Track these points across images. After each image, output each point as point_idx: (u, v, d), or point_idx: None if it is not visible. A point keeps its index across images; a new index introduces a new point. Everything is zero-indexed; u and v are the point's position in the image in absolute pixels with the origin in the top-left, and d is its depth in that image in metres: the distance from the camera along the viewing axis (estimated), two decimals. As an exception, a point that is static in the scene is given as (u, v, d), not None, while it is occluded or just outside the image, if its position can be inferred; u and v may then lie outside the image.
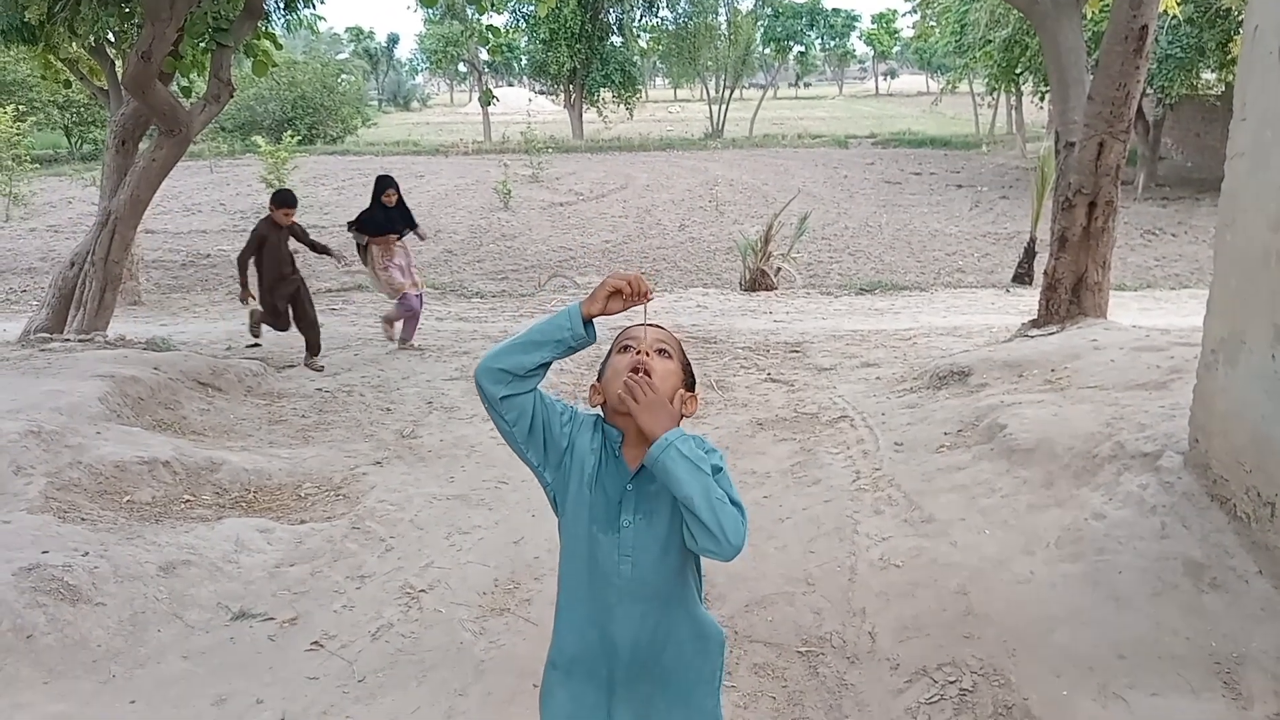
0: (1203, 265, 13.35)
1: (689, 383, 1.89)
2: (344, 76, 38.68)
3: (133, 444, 4.62)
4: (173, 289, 12.39)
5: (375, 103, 58.75)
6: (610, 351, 1.89)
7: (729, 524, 1.66)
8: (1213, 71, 19.18)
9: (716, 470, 1.73)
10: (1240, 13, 16.02)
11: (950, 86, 31.62)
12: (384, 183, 7.65)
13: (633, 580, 1.81)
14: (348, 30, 76.96)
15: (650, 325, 1.86)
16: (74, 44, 8.57)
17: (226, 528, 3.93)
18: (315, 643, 3.27)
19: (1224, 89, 19.72)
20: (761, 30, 46.12)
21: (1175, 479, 3.74)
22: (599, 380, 1.88)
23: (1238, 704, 2.81)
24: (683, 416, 1.83)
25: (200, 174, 25.32)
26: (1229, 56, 17.09)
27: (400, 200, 7.73)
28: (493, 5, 7.76)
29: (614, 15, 37.81)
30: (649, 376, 1.77)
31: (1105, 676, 2.98)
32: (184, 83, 8.31)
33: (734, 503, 1.70)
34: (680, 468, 1.67)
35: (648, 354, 1.81)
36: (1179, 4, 8.05)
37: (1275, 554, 3.15)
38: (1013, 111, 32.56)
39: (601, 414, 1.89)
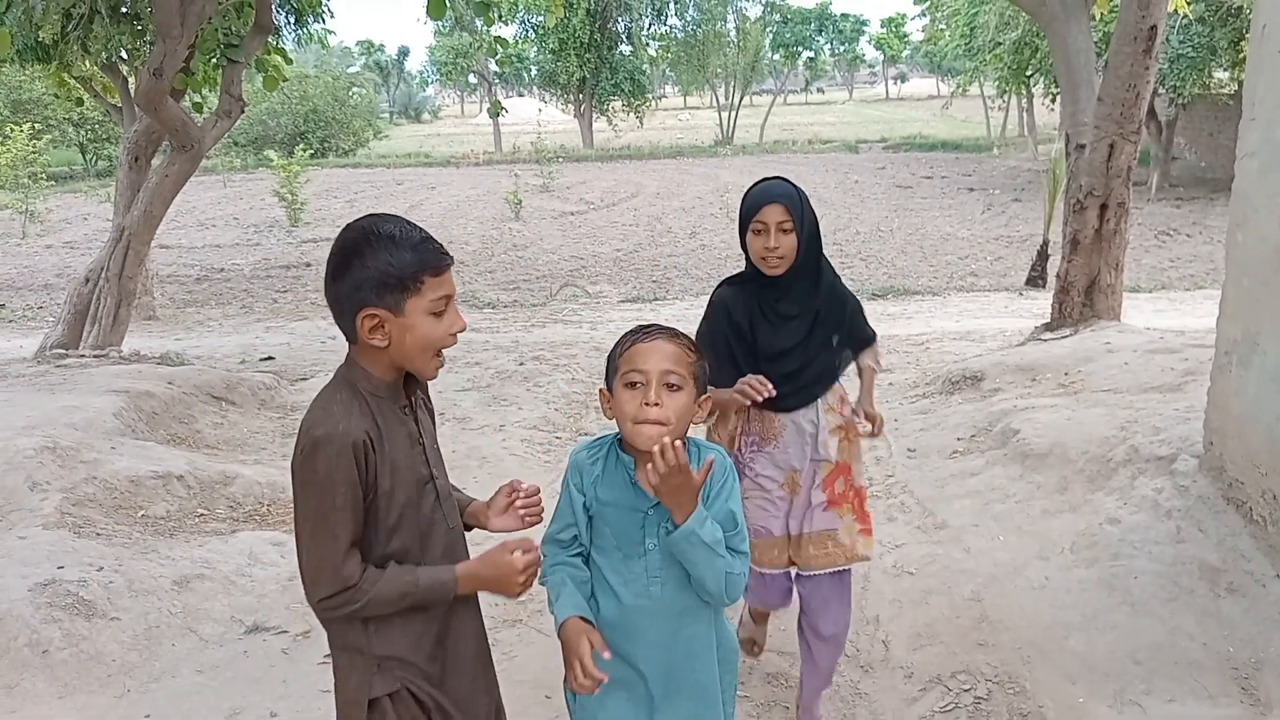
0: (1217, 265, 13.23)
1: (703, 387, 1.82)
2: (355, 90, 38.98)
3: (147, 458, 4.65)
4: (187, 304, 12.49)
5: (386, 115, 59.10)
6: (617, 366, 1.81)
7: (731, 590, 1.79)
8: (1225, 70, 19.08)
9: (731, 520, 1.79)
10: (1251, 11, 15.96)
11: (961, 89, 31.55)
12: None
13: (663, 600, 1.81)
14: (358, 44, 77.72)
15: (659, 338, 1.78)
16: (87, 62, 8.68)
17: (240, 541, 3.94)
18: (328, 656, 3.27)
19: (1237, 88, 19.58)
20: (770, 36, 46.20)
21: (1190, 482, 3.71)
22: (609, 390, 1.84)
23: (1256, 710, 2.78)
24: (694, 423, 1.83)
25: (214, 189, 25.52)
26: (1241, 55, 16.98)
27: None
28: (501, 16, 7.79)
29: (622, 24, 37.92)
30: (662, 426, 1.72)
31: (1121, 683, 2.96)
32: (196, 98, 8.39)
33: (740, 553, 1.80)
34: (699, 554, 1.73)
35: (657, 402, 1.74)
36: (1190, 3, 8.02)
37: (1293, 557, 3.12)
38: (1024, 114, 32.46)
39: (614, 434, 1.89)
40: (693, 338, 1.89)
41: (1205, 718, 2.77)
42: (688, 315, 10.15)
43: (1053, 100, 26.19)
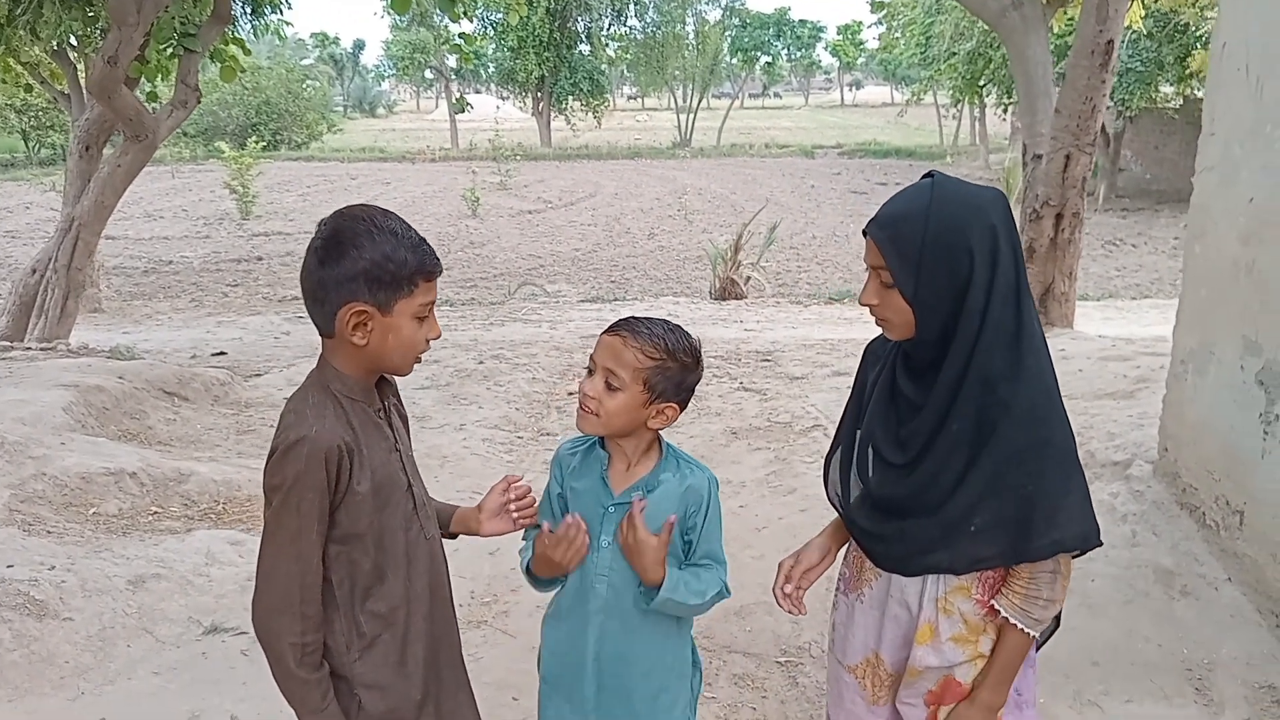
0: (1162, 275, 13.61)
1: (665, 394, 1.76)
2: (309, 82, 38.36)
3: (98, 454, 4.53)
4: (134, 296, 12.21)
5: (340, 109, 58.31)
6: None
7: (706, 608, 1.82)
8: (1171, 85, 19.61)
9: (713, 528, 1.83)
10: (1198, 27, 16.41)
11: (915, 98, 32.03)
12: None
13: (607, 599, 1.81)
14: (313, 36, 76.48)
15: (619, 334, 1.78)
16: (35, 47, 8.43)
17: (196, 540, 3.86)
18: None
19: (1182, 102, 20.16)
20: (729, 40, 46.44)
21: (1145, 487, 3.80)
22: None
23: (1209, 710, 2.85)
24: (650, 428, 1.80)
25: (162, 179, 24.99)
26: (1187, 71, 17.48)
27: None
28: (465, 12, 7.72)
29: (582, 24, 37.88)
30: (592, 415, 1.76)
31: (1080, 684, 3.02)
32: (149, 88, 8.20)
33: (717, 560, 1.83)
34: (680, 610, 1.81)
35: (592, 394, 1.76)
36: (1141, 18, 8.22)
37: (1244, 561, 3.21)
38: (976, 123, 33.04)
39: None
40: (666, 338, 1.77)
41: (1161, 718, 2.83)
42: (649, 315, 10.14)
43: (1004, 111, 26.72)
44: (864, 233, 1.69)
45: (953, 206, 1.60)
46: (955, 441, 1.63)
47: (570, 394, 6.59)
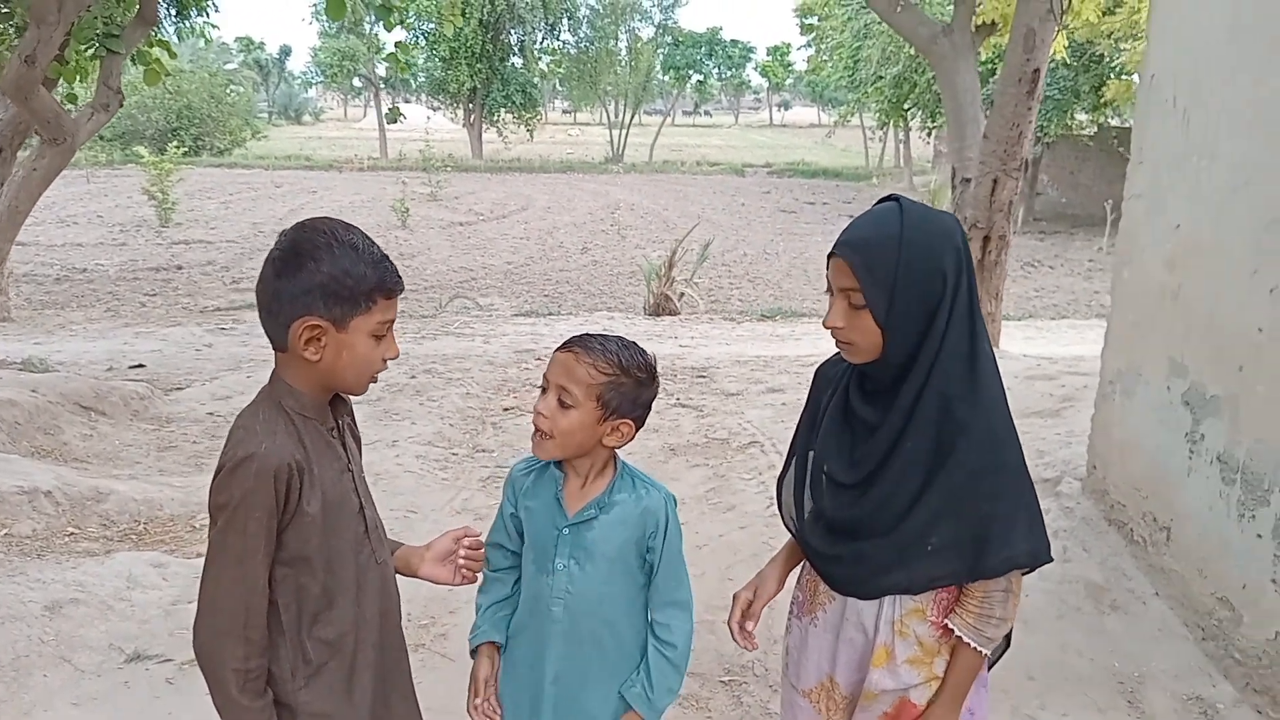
0: (1078, 297, 14.08)
1: (619, 410, 1.75)
2: (233, 87, 37.49)
3: (10, 472, 4.31)
4: (46, 305, 11.71)
5: (265, 115, 57.08)
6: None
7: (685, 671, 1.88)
8: (1086, 113, 20.37)
9: (671, 581, 1.83)
10: (1113, 58, 17.09)
11: (843, 120, 32.67)
12: None
13: (563, 622, 1.79)
14: (237, 40, 74.72)
15: (572, 351, 1.75)
16: (-56, 43, 8.05)
17: (117, 563, 3.69)
18: (218, 684, 3.09)
19: (1096, 129, 20.95)
20: (661, 58, 46.82)
21: (1075, 504, 3.90)
22: None
23: (1141, 722, 2.93)
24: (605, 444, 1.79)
25: (76, 184, 24.07)
26: (1101, 100, 18.18)
27: None
28: (402, 21, 7.62)
29: (515, 36, 37.78)
30: (547, 434, 1.74)
31: (1017, 699, 3.07)
32: (67, 89, 7.90)
33: (682, 607, 1.84)
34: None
35: (543, 412, 1.73)
36: (1065, 48, 8.52)
37: (1170, 576, 3.31)
38: (901, 146, 33.85)
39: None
40: (620, 354, 1.76)
41: (1096, 731, 2.90)
42: (581, 331, 10.11)
43: (928, 134, 27.43)
44: (830, 255, 1.68)
45: (924, 230, 1.61)
46: (910, 461, 1.64)
47: (506, 410, 6.51)
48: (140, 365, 7.47)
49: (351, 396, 1.69)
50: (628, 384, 1.76)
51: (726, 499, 4.80)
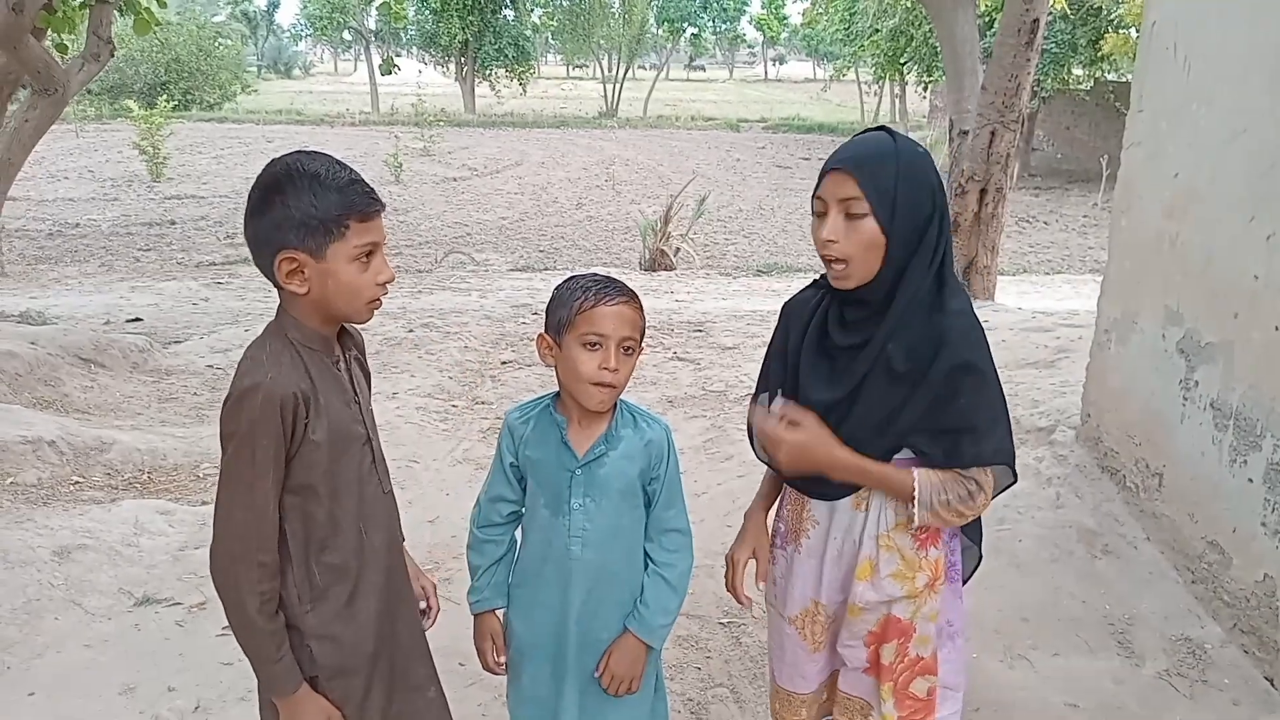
0: (1073, 252, 14.08)
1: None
2: (221, 40, 36.89)
3: (13, 422, 4.33)
4: (39, 260, 11.66)
5: (255, 69, 56.27)
6: (572, 321, 1.76)
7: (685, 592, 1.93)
8: (1083, 68, 20.19)
9: (669, 501, 1.87)
10: (1111, 11, 16.92)
11: (838, 74, 32.37)
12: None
13: (582, 559, 1.82)
14: (224, -9, 73.36)
15: (621, 302, 1.75)
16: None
17: (124, 510, 3.73)
18: (226, 627, 3.15)
19: (1093, 84, 20.79)
20: (655, 10, 46.16)
21: (1068, 452, 3.96)
22: (551, 336, 1.81)
23: (1131, 661, 3.00)
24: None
25: (65, 138, 23.78)
26: (1099, 53, 18.02)
27: None
28: (395, -28, 7.50)
29: (507, -12, 37.21)
30: (615, 389, 1.77)
31: (1010, 639, 3.14)
32: (56, 39, 7.79)
33: (682, 531, 1.88)
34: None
35: (616, 368, 1.75)
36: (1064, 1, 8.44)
37: (1162, 521, 3.37)
38: (897, 100, 33.58)
39: (551, 393, 1.90)
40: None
41: (1087, 670, 2.97)
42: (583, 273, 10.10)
43: (924, 88, 27.21)
44: (825, 172, 1.71)
45: (914, 151, 1.70)
46: (893, 373, 1.67)
47: (504, 364, 6.54)
48: (137, 319, 7.46)
49: (360, 329, 1.72)
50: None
51: (724, 449, 4.85)
